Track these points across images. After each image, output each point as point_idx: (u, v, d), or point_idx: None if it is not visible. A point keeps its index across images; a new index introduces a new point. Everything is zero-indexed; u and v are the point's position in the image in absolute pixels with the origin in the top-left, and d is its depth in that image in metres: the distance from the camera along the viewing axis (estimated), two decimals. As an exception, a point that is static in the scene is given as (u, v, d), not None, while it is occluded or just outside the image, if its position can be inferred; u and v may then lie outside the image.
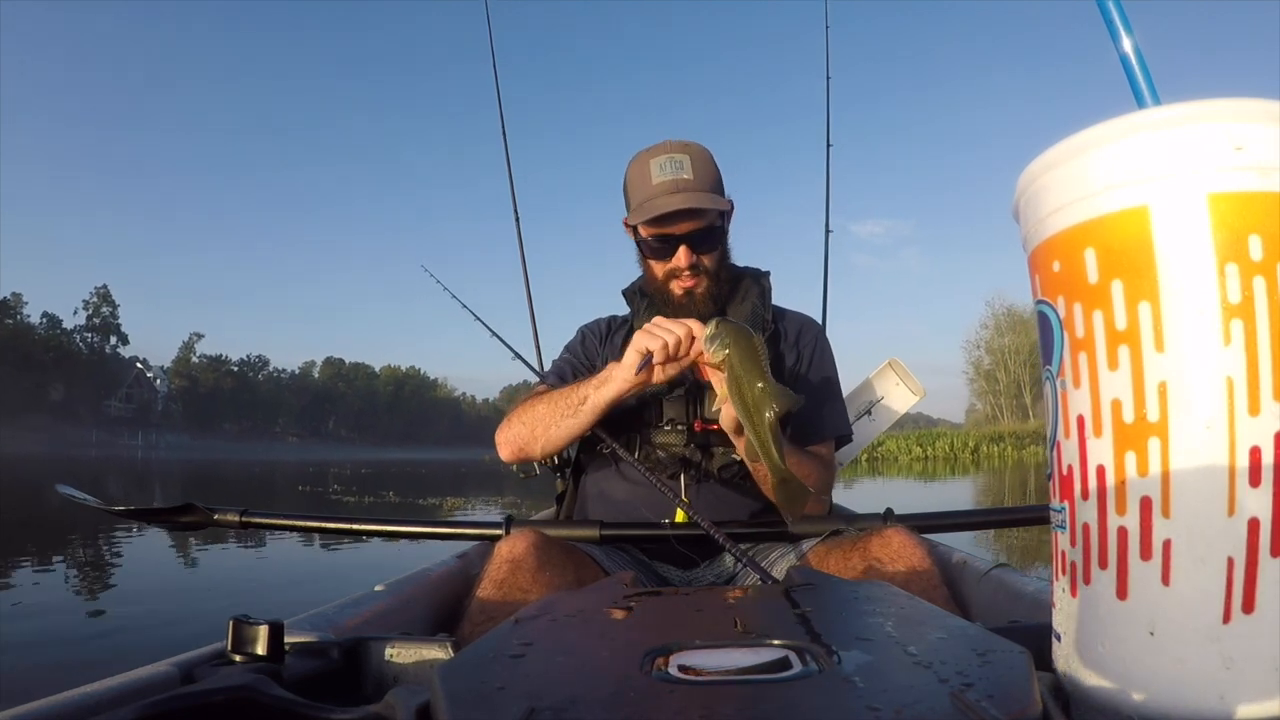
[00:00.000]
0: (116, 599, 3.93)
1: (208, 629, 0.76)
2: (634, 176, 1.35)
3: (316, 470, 25.62)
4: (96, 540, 6.17)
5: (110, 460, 35.25)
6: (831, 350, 1.49)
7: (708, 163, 1.34)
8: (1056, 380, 0.52)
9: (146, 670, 0.65)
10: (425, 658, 0.72)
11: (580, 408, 1.24)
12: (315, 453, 76.37)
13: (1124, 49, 0.58)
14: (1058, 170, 0.51)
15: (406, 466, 32.92)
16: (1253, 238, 0.44)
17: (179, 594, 4.11)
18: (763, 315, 1.39)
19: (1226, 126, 0.45)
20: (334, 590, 1.16)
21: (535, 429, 1.30)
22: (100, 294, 73.47)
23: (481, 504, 11.31)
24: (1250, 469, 0.43)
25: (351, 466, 30.96)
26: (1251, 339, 0.44)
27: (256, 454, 62.95)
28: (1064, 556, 0.52)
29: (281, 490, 14.56)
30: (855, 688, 0.42)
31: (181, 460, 41.13)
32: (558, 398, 1.28)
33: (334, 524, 1.56)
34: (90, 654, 2.80)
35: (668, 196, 1.28)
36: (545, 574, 1.04)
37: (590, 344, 1.50)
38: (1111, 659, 0.47)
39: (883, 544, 1.08)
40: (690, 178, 1.29)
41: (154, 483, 16.55)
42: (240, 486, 15.57)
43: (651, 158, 1.32)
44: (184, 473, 22.47)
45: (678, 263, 1.32)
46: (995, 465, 24.11)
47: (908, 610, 0.60)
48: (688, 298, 1.34)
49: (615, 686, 0.43)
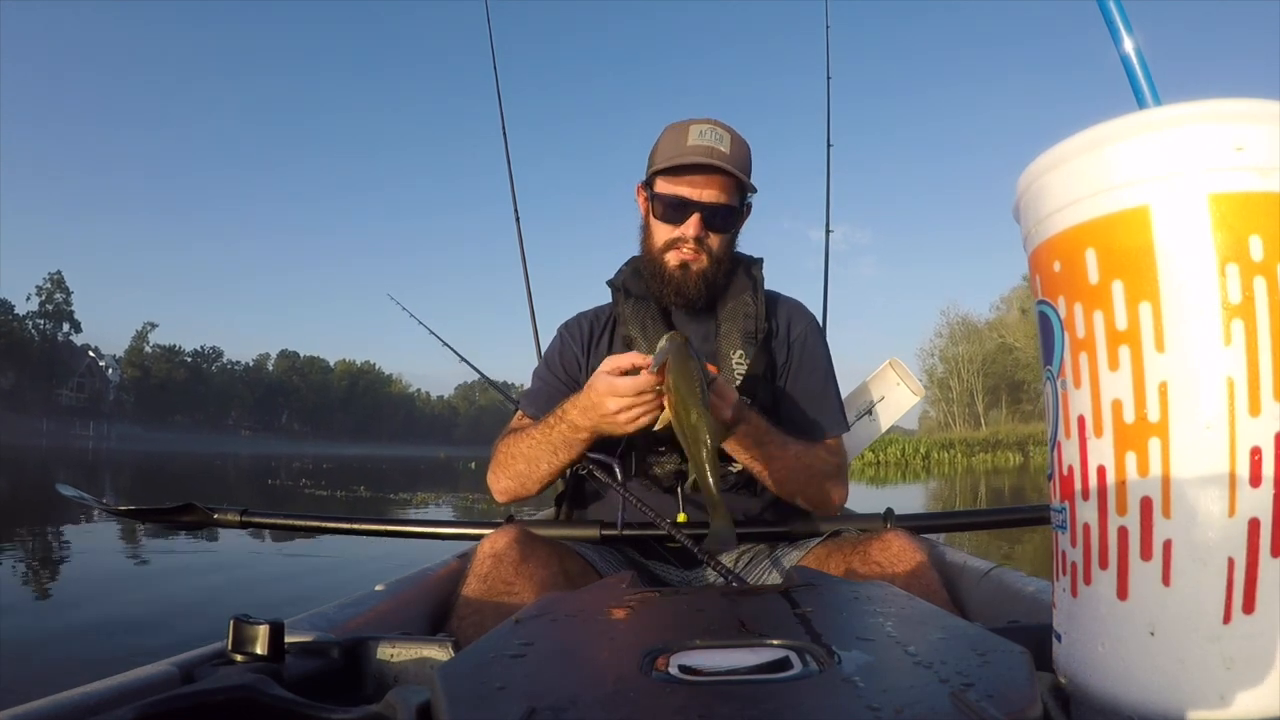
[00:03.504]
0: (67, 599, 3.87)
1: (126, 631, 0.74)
2: (669, 138, 1.30)
3: (276, 464, 25.45)
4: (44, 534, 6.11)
5: (61, 451, 34.75)
6: (825, 342, 1.45)
7: (745, 148, 1.31)
8: (1057, 380, 0.52)
9: (146, 670, 0.65)
10: (425, 658, 0.72)
11: (567, 443, 1.19)
12: (268, 446, 75.62)
13: (1125, 49, 0.58)
14: (1058, 170, 0.51)
15: (366, 462, 32.76)
16: (1253, 238, 0.44)
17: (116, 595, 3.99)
18: (755, 315, 1.33)
19: (1227, 127, 0.45)
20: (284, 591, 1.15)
21: (524, 480, 1.27)
22: (54, 280, 70.93)
23: (452, 498, 11.30)
24: (1251, 469, 0.43)
25: (311, 461, 30.66)
26: (1252, 339, 0.44)
27: (209, 447, 61.94)
28: (1064, 556, 0.52)
29: (250, 485, 14.26)
30: (855, 688, 0.42)
31: (134, 452, 40.52)
32: (540, 438, 1.23)
33: (334, 524, 1.56)
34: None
35: (703, 158, 1.25)
36: (528, 567, 1.04)
37: (570, 352, 1.42)
38: (1111, 659, 0.47)
39: (883, 547, 1.08)
40: (727, 151, 1.26)
41: (104, 475, 15.93)
42: (202, 482, 15.02)
43: (693, 124, 1.29)
44: (137, 465, 21.94)
45: (686, 230, 1.26)
46: (945, 472, 24.49)
47: (908, 610, 0.60)
48: (682, 271, 1.29)
49: (615, 686, 0.43)
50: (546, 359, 1.45)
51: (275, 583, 4.25)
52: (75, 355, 76.68)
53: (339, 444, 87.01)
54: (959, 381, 52.26)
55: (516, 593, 1.01)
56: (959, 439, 36.60)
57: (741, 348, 1.30)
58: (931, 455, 31.36)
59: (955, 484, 16.47)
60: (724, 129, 1.29)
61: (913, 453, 31.69)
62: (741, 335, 1.31)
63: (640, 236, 1.38)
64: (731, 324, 1.33)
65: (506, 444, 1.30)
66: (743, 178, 1.27)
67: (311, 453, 54.48)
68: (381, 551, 4.58)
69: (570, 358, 1.42)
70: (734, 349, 1.30)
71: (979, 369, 51.70)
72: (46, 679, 0.59)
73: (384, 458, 44.46)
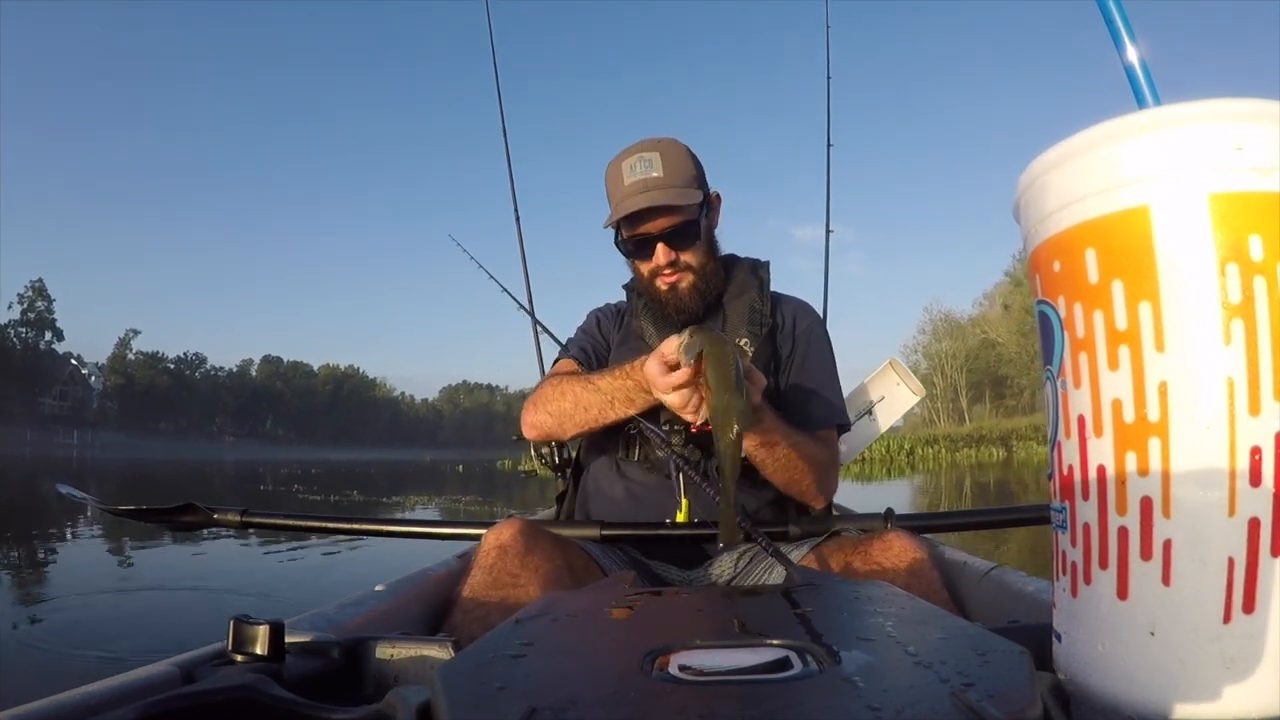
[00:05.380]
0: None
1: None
2: (610, 180, 1.35)
3: (262, 470, 25.39)
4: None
5: (45, 460, 34.53)
6: (829, 338, 1.47)
7: (680, 158, 1.32)
8: (1057, 380, 0.52)
9: (147, 670, 0.65)
10: (425, 657, 0.72)
11: (628, 398, 1.23)
12: (254, 452, 75.41)
13: (1128, 58, 0.58)
14: (1058, 170, 0.51)
15: (353, 467, 32.74)
16: (1253, 238, 0.44)
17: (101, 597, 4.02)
18: (760, 309, 1.38)
19: (1227, 127, 0.45)
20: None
21: (564, 421, 1.31)
22: (35, 288, 70.39)
23: (443, 500, 11.31)
24: (1251, 469, 0.43)
25: (300, 466, 30.58)
26: (1252, 339, 0.44)
27: (194, 453, 61.80)
28: (1064, 556, 0.52)
29: (240, 491, 14.19)
30: (856, 688, 0.42)
31: (119, 459, 40.33)
32: (600, 385, 1.26)
33: (334, 524, 1.56)
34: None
35: (636, 196, 1.28)
36: (532, 558, 1.04)
37: (605, 326, 1.50)
38: (1112, 659, 0.47)
39: (884, 548, 1.08)
40: (660, 175, 1.29)
41: (90, 483, 15.77)
42: (191, 488, 14.85)
43: (624, 159, 1.32)
44: (122, 473, 21.84)
45: (657, 261, 1.31)
46: (930, 467, 24.59)
47: (908, 610, 0.60)
48: (672, 293, 1.34)
49: (616, 686, 0.43)
50: (583, 327, 1.53)
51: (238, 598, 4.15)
52: (58, 363, 76.19)
53: (324, 449, 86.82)
54: (942, 378, 52.57)
55: (521, 585, 1.02)
56: (943, 435, 36.72)
57: (747, 336, 1.34)
58: (916, 451, 31.45)
59: (940, 479, 16.57)
60: (652, 149, 1.31)
61: (897, 449, 31.72)
62: (747, 325, 1.35)
63: (628, 266, 1.43)
64: (737, 316, 1.37)
65: (555, 382, 1.34)
66: (684, 194, 1.29)
67: (297, 458, 54.21)
68: (366, 556, 4.55)
69: (607, 326, 1.50)
70: (739, 338, 1.34)
71: (962, 365, 52.05)
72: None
73: (370, 462, 44.27)
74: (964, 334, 53.86)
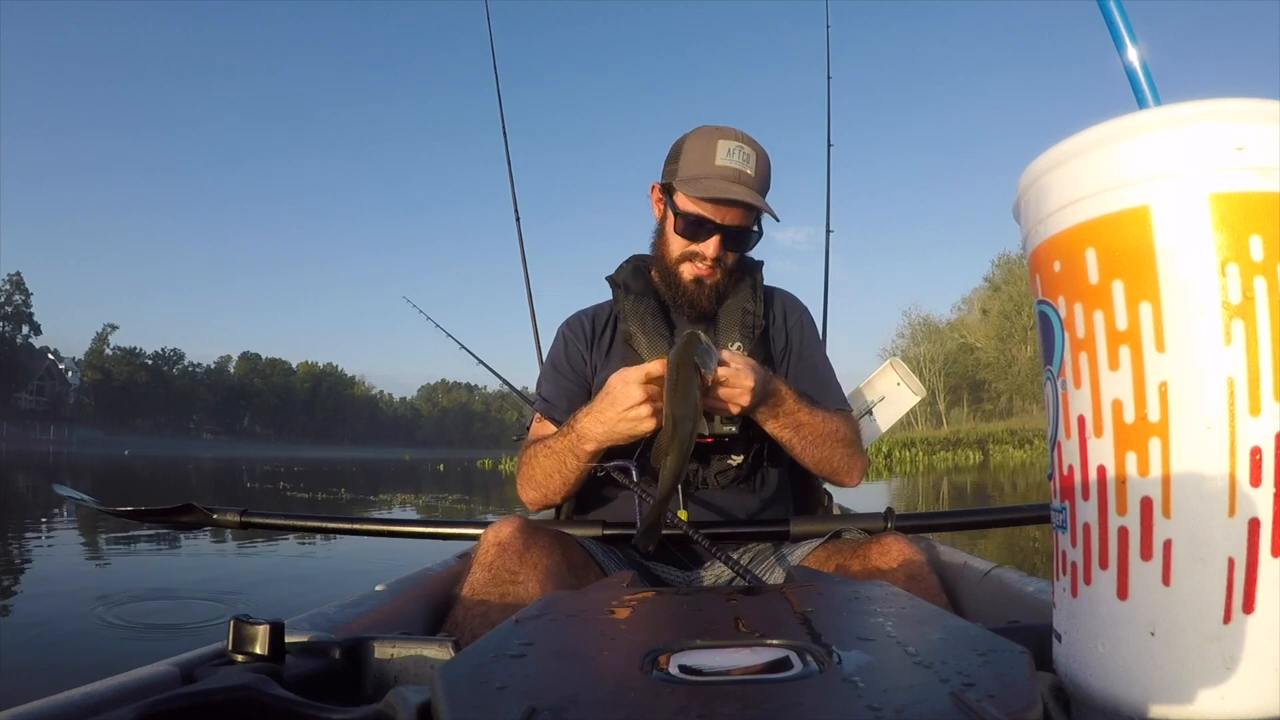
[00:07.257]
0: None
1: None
2: (695, 147, 1.30)
3: (243, 467, 25.15)
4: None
5: (21, 456, 34.10)
6: (818, 330, 1.50)
7: (768, 167, 1.32)
8: (1057, 380, 0.52)
9: (147, 670, 0.65)
10: (425, 657, 0.72)
11: (573, 451, 1.20)
12: (231, 449, 74.83)
13: (1129, 60, 0.58)
14: (1059, 170, 0.51)
15: (334, 464, 32.50)
16: (1253, 238, 0.44)
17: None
18: (753, 311, 1.37)
19: (1227, 127, 0.45)
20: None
21: (546, 490, 1.29)
22: (13, 281, 70.07)
23: (430, 499, 11.29)
24: (1251, 469, 0.43)
25: (280, 464, 30.36)
26: (1252, 339, 0.44)
27: (171, 450, 61.09)
28: (1064, 556, 0.52)
29: (224, 489, 14.02)
30: (856, 688, 0.42)
31: (96, 455, 39.89)
32: (553, 446, 1.24)
33: (333, 524, 1.56)
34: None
35: (730, 183, 1.25)
36: (532, 555, 1.04)
37: (575, 350, 1.43)
38: (1112, 659, 0.47)
39: (882, 551, 1.08)
40: (753, 174, 1.27)
41: (66, 480, 15.32)
42: (170, 486, 14.55)
43: (721, 138, 1.28)
44: (100, 469, 21.57)
45: (705, 249, 1.29)
46: (908, 470, 24.69)
47: (908, 610, 0.60)
48: (696, 285, 1.32)
49: (615, 686, 0.43)
50: (552, 360, 1.45)
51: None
52: (35, 358, 75.67)
53: (302, 446, 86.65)
54: (921, 381, 53.07)
55: (521, 581, 1.02)
56: (920, 438, 36.71)
57: (740, 340, 1.33)
58: (894, 454, 31.50)
59: (918, 482, 16.74)
60: (751, 146, 1.29)
61: (874, 451, 31.70)
62: (739, 329, 1.34)
63: (654, 239, 1.40)
64: (730, 320, 1.36)
65: (528, 455, 1.31)
66: (768, 209, 1.28)
67: (275, 456, 53.72)
68: (355, 568, 4.50)
69: (576, 355, 1.43)
70: (731, 341, 1.33)
71: (940, 369, 52.31)
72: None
73: (349, 460, 43.93)
74: (942, 338, 54.23)
